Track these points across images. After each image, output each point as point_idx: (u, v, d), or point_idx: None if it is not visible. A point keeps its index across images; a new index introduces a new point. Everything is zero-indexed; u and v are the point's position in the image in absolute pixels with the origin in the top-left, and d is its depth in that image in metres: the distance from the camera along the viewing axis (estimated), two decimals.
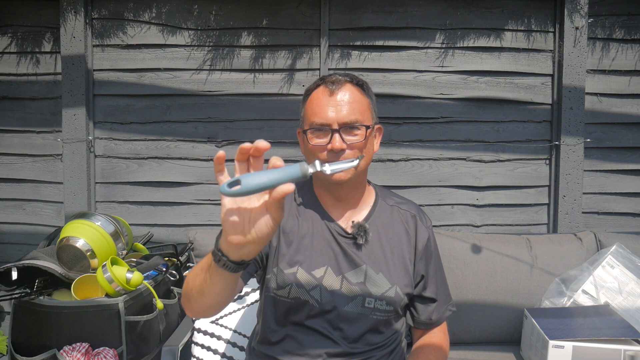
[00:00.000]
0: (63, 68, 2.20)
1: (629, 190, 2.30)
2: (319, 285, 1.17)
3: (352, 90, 1.18)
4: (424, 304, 1.29)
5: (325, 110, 1.14)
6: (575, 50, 2.20)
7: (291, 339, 1.19)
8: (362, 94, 1.20)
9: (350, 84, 1.19)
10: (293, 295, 1.17)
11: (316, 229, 1.22)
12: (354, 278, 1.19)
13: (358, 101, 1.17)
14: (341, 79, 1.18)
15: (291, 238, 1.21)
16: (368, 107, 1.20)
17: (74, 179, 2.23)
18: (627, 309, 1.76)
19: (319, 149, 1.15)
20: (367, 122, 1.18)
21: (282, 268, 1.18)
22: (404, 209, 1.29)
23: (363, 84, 1.22)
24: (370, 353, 1.20)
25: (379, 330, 1.21)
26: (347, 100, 1.15)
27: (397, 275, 1.21)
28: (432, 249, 1.29)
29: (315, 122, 1.15)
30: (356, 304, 1.18)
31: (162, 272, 1.83)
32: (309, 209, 1.24)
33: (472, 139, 2.27)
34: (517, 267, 1.92)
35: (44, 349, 1.53)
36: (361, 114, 1.16)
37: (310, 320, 1.18)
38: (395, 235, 1.25)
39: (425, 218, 1.31)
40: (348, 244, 1.21)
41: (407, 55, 2.25)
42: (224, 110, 2.26)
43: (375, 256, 1.21)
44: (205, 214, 2.29)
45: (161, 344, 1.70)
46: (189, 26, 2.23)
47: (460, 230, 2.27)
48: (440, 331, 1.32)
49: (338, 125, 1.14)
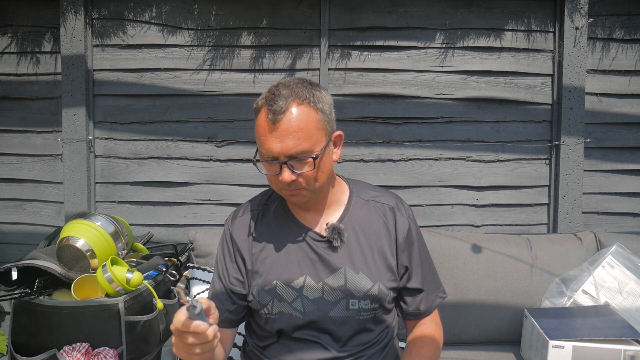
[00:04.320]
0: (63, 68, 2.20)
1: (629, 190, 2.30)
2: (300, 296, 1.16)
3: (298, 112, 1.06)
4: (411, 295, 1.26)
5: (270, 143, 1.07)
6: (575, 50, 2.20)
7: (282, 347, 1.20)
8: (310, 113, 1.08)
9: (295, 103, 1.06)
10: (277, 310, 1.17)
11: (290, 240, 1.20)
12: (335, 282, 1.17)
13: (304, 127, 1.06)
14: (282, 105, 1.06)
15: (264, 256, 1.20)
16: (317, 125, 1.09)
17: (74, 179, 2.23)
18: (627, 309, 1.76)
19: (273, 179, 1.12)
20: (317, 147, 1.09)
21: (261, 286, 1.18)
22: (381, 202, 1.25)
23: (310, 98, 1.08)
24: (362, 353, 1.19)
25: (368, 328, 1.20)
26: (291, 130, 1.05)
27: (379, 272, 1.19)
28: (413, 239, 1.24)
29: (263, 154, 1.10)
30: (340, 308, 1.16)
31: (162, 272, 1.83)
32: (281, 222, 1.23)
33: (472, 139, 2.27)
34: (517, 267, 1.92)
35: (44, 349, 1.53)
36: (309, 139, 1.07)
37: (298, 332, 1.17)
38: (373, 231, 1.22)
39: (405, 208, 1.26)
40: (324, 248, 1.18)
41: (407, 55, 2.25)
42: (224, 110, 2.26)
43: (354, 256, 1.19)
44: (205, 214, 2.29)
45: (161, 344, 1.70)
46: (189, 26, 2.23)
47: (460, 230, 2.27)
48: (431, 321, 1.29)
49: (285, 158, 1.07)
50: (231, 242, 1.24)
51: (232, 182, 2.28)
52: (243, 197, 2.27)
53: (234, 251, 1.23)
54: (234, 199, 2.28)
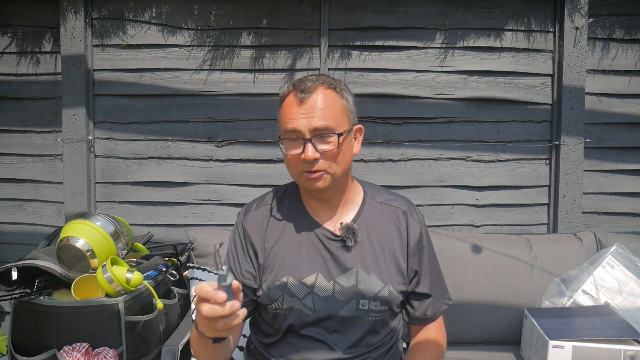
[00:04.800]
0: (63, 68, 2.20)
1: (629, 190, 2.30)
2: (311, 293, 1.17)
3: (324, 94, 1.13)
4: (419, 300, 1.27)
5: (296, 119, 1.11)
6: (575, 50, 2.20)
7: (288, 345, 1.19)
8: (335, 97, 1.14)
9: (322, 87, 1.13)
10: (287, 306, 1.17)
11: (303, 237, 1.21)
12: (346, 282, 1.18)
13: (330, 106, 1.12)
14: (311, 85, 1.12)
15: (276, 251, 1.20)
16: (342, 110, 1.15)
17: (74, 179, 2.23)
18: (627, 309, 1.76)
19: (294, 160, 1.14)
20: (341, 128, 1.13)
21: (272, 281, 1.18)
22: (394, 206, 1.26)
23: (337, 85, 1.16)
24: (367, 355, 1.19)
25: (376, 330, 1.20)
26: (318, 107, 1.11)
27: (390, 274, 1.20)
28: (424, 244, 1.26)
29: (288, 131, 1.13)
30: (350, 307, 1.17)
31: (162, 272, 1.83)
32: (295, 218, 1.23)
33: (472, 139, 2.27)
34: (517, 267, 1.92)
35: (44, 349, 1.53)
36: (333, 119, 1.12)
37: (306, 329, 1.17)
38: (385, 233, 1.23)
39: (417, 213, 1.28)
40: (337, 247, 1.19)
41: (407, 55, 2.25)
42: (224, 110, 2.26)
43: (366, 257, 1.20)
44: (205, 214, 2.29)
45: (161, 344, 1.70)
46: (189, 26, 2.23)
47: (460, 230, 2.27)
48: (436, 327, 1.30)
49: (310, 134, 1.10)
50: (244, 235, 1.24)
51: (232, 182, 2.28)
52: (243, 197, 2.27)
53: (247, 244, 1.23)
54: (234, 199, 2.28)
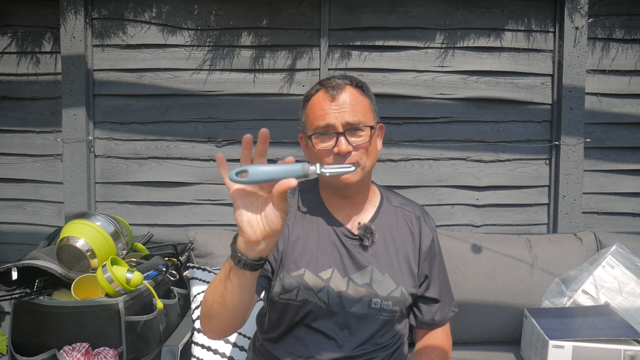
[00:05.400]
0: (63, 68, 2.20)
1: (629, 190, 2.30)
2: (326, 287, 1.19)
3: (353, 92, 1.18)
4: (427, 305, 1.30)
5: (329, 114, 1.15)
6: (575, 50, 2.20)
7: (297, 341, 1.20)
8: (363, 95, 1.20)
9: (350, 86, 1.19)
10: (301, 298, 1.18)
11: (322, 232, 1.23)
12: (360, 279, 1.20)
13: (359, 103, 1.18)
14: (340, 83, 1.18)
15: (296, 242, 1.22)
16: (369, 107, 1.21)
17: (74, 179, 2.23)
18: (627, 309, 1.76)
19: (325, 154, 1.16)
20: (370, 122, 1.19)
21: (289, 271, 1.19)
22: (408, 210, 1.31)
23: (362, 85, 1.22)
24: (374, 354, 1.20)
25: (385, 330, 1.22)
26: (349, 103, 1.16)
27: (402, 276, 1.23)
28: (435, 250, 1.30)
29: (320, 126, 1.16)
30: (363, 305, 1.19)
31: (162, 272, 1.83)
32: (314, 212, 1.25)
33: (472, 139, 2.27)
34: (517, 267, 1.92)
35: (44, 349, 1.53)
36: (364, 115, 1.17)
37: (317, 322, 1.19)
38: (400, 236, 1.26)
39: (430, 219, 1.33)
40: (354, 245, 1.22)
41: (407, 55, 2.25)
42: (224, 110, 2.26)
43: (381, 257, 1.22)
44: (205, 214, 2.29)
45: (161, 344, 1.70)
46: (189, 26, 2.23)
47: (460, 230, 2.27)
48: (442, 332, 1.33)
49: (342, 128, 1.14)
50: None
51: None
52: None
53: None
54: None
